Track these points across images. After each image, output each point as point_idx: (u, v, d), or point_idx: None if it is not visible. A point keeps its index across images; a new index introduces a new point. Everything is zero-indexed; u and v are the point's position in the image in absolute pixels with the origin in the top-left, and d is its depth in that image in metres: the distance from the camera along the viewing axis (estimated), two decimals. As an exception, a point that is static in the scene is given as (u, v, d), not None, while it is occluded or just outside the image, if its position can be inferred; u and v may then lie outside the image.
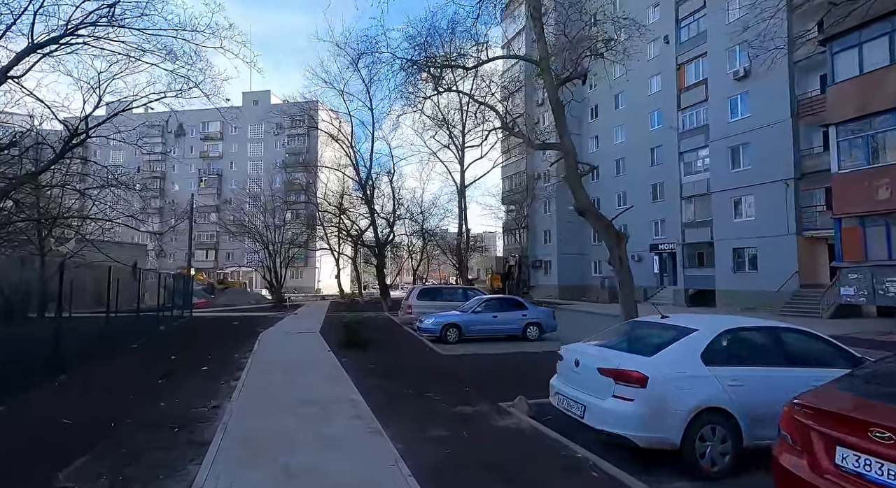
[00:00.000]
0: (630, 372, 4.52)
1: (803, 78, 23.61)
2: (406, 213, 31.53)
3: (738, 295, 25.58)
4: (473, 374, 8.58)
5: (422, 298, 17.38)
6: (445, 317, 14.24)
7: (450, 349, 12.01)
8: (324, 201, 34.18)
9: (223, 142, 70.61)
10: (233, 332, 15.24)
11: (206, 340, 13.26)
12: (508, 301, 15.31)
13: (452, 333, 13.97)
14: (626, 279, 9.38)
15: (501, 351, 11.83)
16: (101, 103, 11.59)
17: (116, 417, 5.63)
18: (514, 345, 13.16)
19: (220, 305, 31.92)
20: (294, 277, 57.36)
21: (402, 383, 7.67)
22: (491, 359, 10.33)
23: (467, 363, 9.92)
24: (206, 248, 67.74)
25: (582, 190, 10.01)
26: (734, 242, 26.20)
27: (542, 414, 6.09)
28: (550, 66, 10.22)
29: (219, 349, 11.48)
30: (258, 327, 16.66)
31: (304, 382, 7.68)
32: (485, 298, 14.83)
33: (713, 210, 27.47)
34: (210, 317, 21.07)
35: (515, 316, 14.53)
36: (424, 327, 14.22)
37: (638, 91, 37.99)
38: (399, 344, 12.99)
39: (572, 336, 16.23)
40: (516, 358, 10.51)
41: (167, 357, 10.33)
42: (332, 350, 11.25)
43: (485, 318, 14.27)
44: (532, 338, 14.39)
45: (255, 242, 39.33)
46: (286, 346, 11.92)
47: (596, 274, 41.98)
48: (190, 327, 17.05)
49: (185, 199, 37.90)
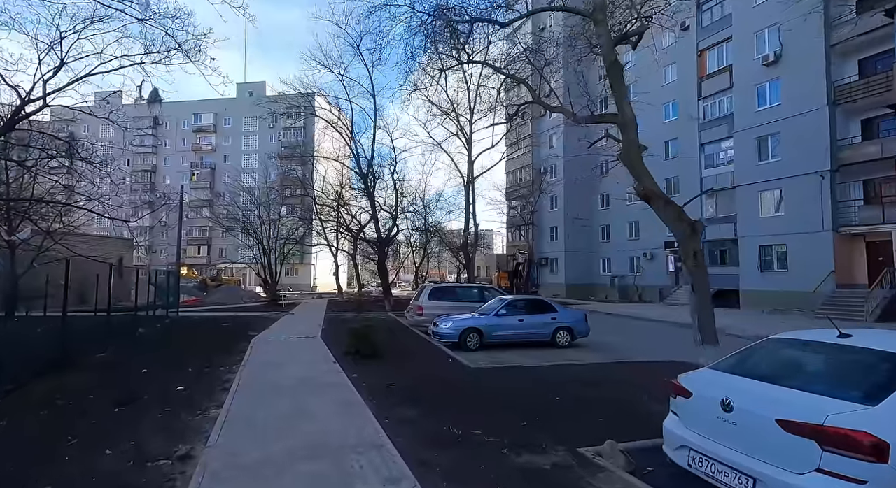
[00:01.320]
0: (855, 435, 2.74)
1: (839, 63, 21.97)
2: (410, 206, 29.63)
3: (764, 295, 23.98)
4: (520, 399, 6.80)
5: (434, 298, 15.58)
6: (465, 321, 12.48)
7: (475, 359, 10.24)
8: (321, 194, 32.29)
9: (216, 135, 68.34)
10: (221, 336, 13.38)
11: (188, 347, 11.41)
12: (535, 302, 13.55)
13: (473, 339, 12.22)
14: (703, 280, 7.64)
15: (537, 362, 10.06)
16: (64, 67, 9.69)
17: (27, 483, 3.80)
18: (547, 354, 11.40)
19: (210, 304, 29.98)
20: (290, 274, 55.38)
21: (436, 413, 5.89)
22: (531, 375, 8.54)
23: (504, 380, 8.15)
24: (199, 244, 65.59)
25: (645, 169, 8.27)
26: (761, 239, 24.57)
27: (640, 466, 4.33)
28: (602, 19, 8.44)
29: (202, 359, 9.64)
30: (250, 330, 14.82)
31: (308, 412, 5.87)
32: (509, 299, 13.05)
33: (737, 205, 25.83)
34: (198, 318, 19.17)
35: (544, 319, 12.78)
36: (441, 332, 12.45)
37: (651, 81, 36.25)
38: (414, 352, 11.20)
39: (607, 342, 14.38)
40: (560, 373, 8.73)
41: (137, 370, 8.49)
42: (339, 361, 9.44)
43: (510, 322, 12.51)
44: (562, 345, 12.67)
45: (249, 237, 37.36)
46: (283, 356, 10.09)
47: (605, 272, 40.38)
48: (174, 329, 15.17)
49: (177, 193, 35.94)
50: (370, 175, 27.32)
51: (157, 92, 10.41)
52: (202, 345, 11.66)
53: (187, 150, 68.14)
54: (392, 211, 27.48)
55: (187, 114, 68.36)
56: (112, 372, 8.47)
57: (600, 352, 11.90)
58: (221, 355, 10.18)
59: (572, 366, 9.37)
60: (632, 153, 8.16)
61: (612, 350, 12.27)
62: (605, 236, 40.54)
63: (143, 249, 65.20)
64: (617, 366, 9.42)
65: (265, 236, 35.08)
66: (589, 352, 11.65)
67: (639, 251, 36.69)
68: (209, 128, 68.08)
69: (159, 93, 10.27)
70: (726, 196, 26.87)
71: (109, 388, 7.05)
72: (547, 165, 42.58)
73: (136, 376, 8.03)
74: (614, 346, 12.89)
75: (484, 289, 16.55)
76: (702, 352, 7.70)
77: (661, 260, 34.84)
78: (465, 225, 27.99)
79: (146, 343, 12.08)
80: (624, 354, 11.36)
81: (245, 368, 8.64)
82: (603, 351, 12.09)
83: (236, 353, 10.40)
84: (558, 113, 10.51)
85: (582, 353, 11.55)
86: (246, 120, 67.47)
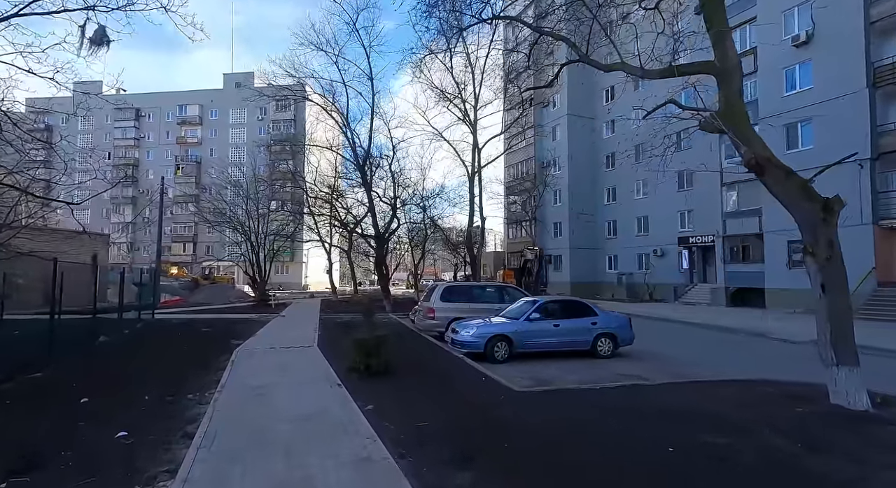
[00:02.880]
0: None
1: (879, 42, 20.26)
2: (412, 198, 27.47)
3: (794, 294, 22.23)
4: (615, 451, 4.76)
5: (447, 299, 13.53)
6: (490, 327, 10.49)
7: (509, 375, 8.25)
8: (314, 186, 30.06)
9: (202, 128, 65.52)
10: (198, 346, 11.22)
11: (155, 361, 9.25)
12: (572, 305, 11.57)
13: (501, 348, 10.24)
14: (839, 279, 5.73)
15: (589, 379, 8.10)
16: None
17: None
18: (593, 368, 9.44)
19: (194, 304, 27.66)
20: (279, 272, 52.97)
21: (506, 483, 3.85)
22: (598, 404, 6.48)
23: (566, 410, 6.12)
24: (184, 241, 62.84)
25: (753, 132, 6.40)
26: (790, 234, 22.74)
27: None
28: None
29: (167, 382, 7.52)
30: (234, 337, 12.67)
31: (313, 485, 3.80)
32: (541, 301, 11.05)
33: (763, 197, 24.04)
34: (176, 321, 16.92)
35: (583, 325, 10.82)
36: (462, 339, 10.44)
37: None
38: (434, 366, 9.13)
39: (652, 351, 11.49)
40: (633, 399, 6.71)
41: (74, 400, 6.35)
42: (344, 383, 7.37)
43: (543, 328, 10.54)
44: (604, 355, 10.74)
45: (236, 233, 34.96)
46: (272, 376, 7.97)
47: (611, 269, 38.67)
48: (144, 337, 12.95)
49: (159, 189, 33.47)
50: (368, 165, 25.17)
51: (104, 31, 8.16)
52: (173, 358, 9.51)
53: (171, 143, 65.28)
54: (391, 202, 25.31)
55: (171, 105, 65.50)
56: (35, 403, 6.32)
57: (653, 364, 9.95)
58: (193, 374, 8.07)
59: (641, 389, 7.37)
60: (735, 110, 6.27)
61: (665, 362, 10.32)
62: (612, 232, 38.81)
63: (126, 247, 62.34)
64: (697, 387, 7.44)
65: (253, 231, 32.73)
66: (642, 366, 9.69)
67: (648, 248, 34.97)
68: (194, 121, 65.24)
69: (106, 32, 8.26)
70: (749, 187, 25.09)
71: (20, 431, 4.91)
72: (550, 158, 40.71)
73: (66, 411, 5.89)
74: (665, 357, 10.96)
75: (503, 289, 14.53)
76: (835, 376, 5.74)
77: (672, 256, 33.13)
78: (469, 218, 25.94)
79: (104, 356, 9.89)
80: (688, 369, 9.40)
81: (221, 397, 6.53)
82: (656, 362, 10.14)
83: (213, 371, 8.28)
84: (617, 71, 8.50)
85: (634, 367, 9.59)
86: (233, 112, 64.77)
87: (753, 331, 15.42)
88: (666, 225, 33.51)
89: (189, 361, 9.16)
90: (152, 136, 66.12)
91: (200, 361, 9.16)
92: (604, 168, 39.76)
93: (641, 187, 36.15)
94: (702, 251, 30.80)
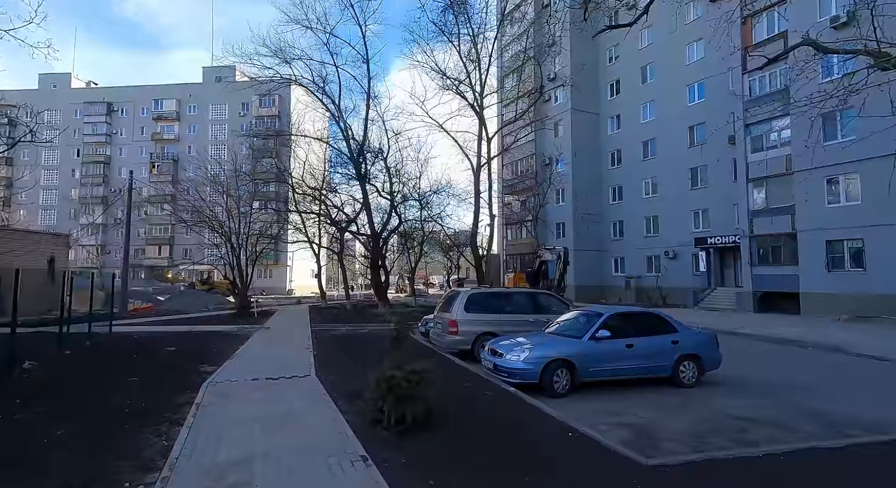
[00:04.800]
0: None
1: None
2: (412, 193, 24.81)
3: (834, 299, 20.28)
4: None
5: (472, 309, 10.95)
6: (546, 348, 8.01)
7: (585, 417, 5.84)
8: (301, 182, 27.27)
9: (179, 124, 61.93)
10: (153, 377, 8.42)
11: (82, 408, 6.48)
12: (646, 318, 9.14)
13: (562, 377, 7.78)
14: None
15: (710, 431, 5.70)
16: None
17: None
18: (690, 405, 7.06)
19: (165, 312, 24.61)
20: (262, 276, 49.74)
21: None
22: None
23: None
24: (159, 244, 59.08)
25: None
26: (829, 233, 20.89)
27: None
28: None
29: (86, 454, 4.80)
30: (205, 360, 9.92)
31: None
32: (609, 314, 8.53)
33: (797, 193, 22.12)
34: (139, 336, 13.99)
35: (662, 344, 8.40)
36: (510, 366, 7.93)
37: (672, 61, 32.68)
38: (487, 410, 6.55)
39: (740, 375, 9.05)
40: (852, 482, 4.24)
41: None
42: (370, 452, 4.76)
43: (614, 349, 8.08)
44: (688, 383, 8.34)
45: (214, 234, 31.85)
46: (255, 443, 5.20)
47: (617, 272, 36.60)
48: (85, 362, 10.06)
49: (137, 189, 30.12)
50: (362, 158, 22.53)
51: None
52: (108, 401, 6.73)
53: (146, 140, 61.48)
54: (391, 196, 22.64)
55: (147, 100, 61.78)
56: None
57: (763, 397, 7.57)
58: (132, 434, 5.37)
59: (818, 453, 4.90)
60: None
61: (774, 393, 7.92)
62: (618, 233, 36.79)
63: (95, 249, 58.31)
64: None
65: (234, 232, 29.70)
66: (753, 401, 7.29)
67: (658, 249, 32.97)
68: (171, 116, 61.60)
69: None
70: (779, 183, 23.15)
71: None
72: (552, 155, 38.50)
73: None
74: (762, 384, 8.60)
75: (536, 297, 11.98)
76: None
77: (685, 258, 31.17)
78: (475, 215, 23.42)
79: (12, 396, 7.05)
80: (826, 405, 7.01)
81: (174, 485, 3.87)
82: (763, 395, 7.76)
83: (163, 430, 5.55)
84: None
85: (742, 402, 7.20)
86: (214, 107, 61.43)
87: (823, 344, 13.20)
88: (678, 225, 31.55)
89: (132, 407, 6.41)
90: (125, 132, 62.25)
91: (149, 407, 6.42)
92: (608, 166, 37.75)
93: (650, 186, 34.20)
94: (719, 252, 28.85)
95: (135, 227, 52.19)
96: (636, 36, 36.01)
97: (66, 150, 61.28)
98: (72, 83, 63.43)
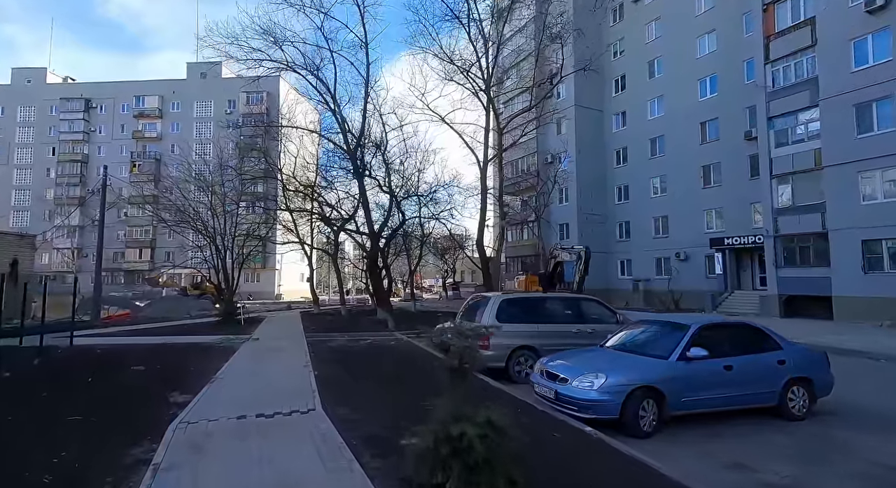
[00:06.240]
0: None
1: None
2: (416, 188, 22.84)
3: (871, 304, 18.80)
4: None
5: (507, 318, 9.02)
6: (626, 373, 6.17)
7: (702, 475, 3.93)
8: (292, 178, 25.23)
9: (162, 122, 59.23)
10: (103, 413, 6.33)
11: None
12: (742, 331, 7.35)
13: (649, 411, 5.93)
14: None
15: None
16: None
17: None
18: (827, 456, 5.27)
19: (143, 320, 22.37)
20: (249, 280, 47.39)
21: None
22: None
23: None
24: (140, 246, 56.27)
25: None
26: (864, 232, 19.43)
27: None
28: None
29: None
30: (177, 385, 7.85)
31: None
32: (698, 326, 6.68)
33: (827, 190, 20.68)
34: (102, 350, 11.81)
35: (765, 365, 6.63)
36: (579, 397, 6.06)
37: (682, 55, 31.26)
38: (576, 471, 4.63)
39: (851, 401, 6.61)
40: None
41: None
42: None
43: (712, 372, 6.28)
44: (799, 415, 6.58)
45: (198, 235, 29.61)
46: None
47: (624, 275, 35.03)
48: (18, 387, 7.90)
49: (113, 189, 27.80)
50: (360, 151, 20.56)
51: None
52: (30, 459, 4.69)
53: (127, 138, 58.67)
54: (390, 190, 20.67)
55: (127, 96, 59.00)
56: None
57: None
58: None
59: None
60: None
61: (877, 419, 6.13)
62: (624, 234, 35.25)
63: (71, 253, 55.29)
64: None
65: (219, 233, 27.53)
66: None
67: (669, 251, 31.44)
68: (154, 114, 58.90)
69: None
70: (808, 179, 21.70)
71: None
72: (555, 153, 36.85)
73: None
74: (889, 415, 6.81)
75: (579, 303, 10.13)
76: None
77: (697, 260, 29.68)
78: (481, 213, 21.57)
79: None
80: None
81: None
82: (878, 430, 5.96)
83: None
84: None
85: (892, 447, 5.37)
86: (198, 104, 58.87)
87: (891, 355, 11.58)
88: (689, 225, 30.08)
89: (56, 473, 4.37)
90: (104, 130, 59.38)
91: (80, 473, 4.37)
92: (614, 164, 36.26)
93: (659, 184, 32.73)
94: (735, 254, 27.38)
95: (114, 229, 49.52)
96: (643, 29, 34.67)
97: (40, 149, 58.31)
98: (47, 78, 60.47)
